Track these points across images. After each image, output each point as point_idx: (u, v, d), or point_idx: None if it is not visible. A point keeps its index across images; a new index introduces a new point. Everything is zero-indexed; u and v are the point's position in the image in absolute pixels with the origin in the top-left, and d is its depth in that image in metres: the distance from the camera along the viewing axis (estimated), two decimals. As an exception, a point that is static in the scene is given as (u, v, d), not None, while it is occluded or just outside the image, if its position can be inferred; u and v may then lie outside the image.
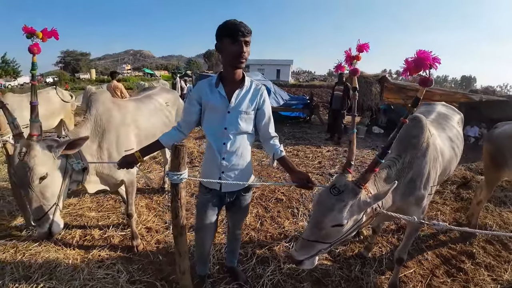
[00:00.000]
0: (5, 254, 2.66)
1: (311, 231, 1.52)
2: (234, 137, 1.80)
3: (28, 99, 4.30)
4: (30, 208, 1.76)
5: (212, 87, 1.79)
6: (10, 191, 4.04)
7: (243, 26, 1.58)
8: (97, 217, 3.45)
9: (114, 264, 2.60)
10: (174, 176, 1.59)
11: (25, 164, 1.67)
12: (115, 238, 3.02)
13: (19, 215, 3.40)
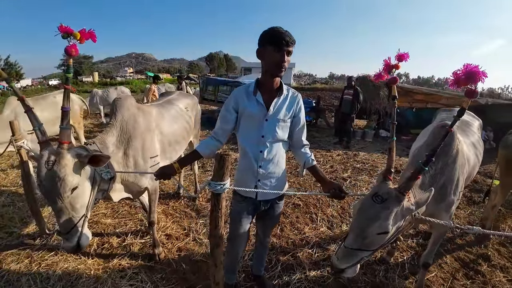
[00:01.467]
0: (19, 265, 2.60)
1: (354, 240, 1.52)
2: (271, 145, 1.79)
3: (33, 103, 4.28)
4: (58, 220, 1.64)
5: (249, 95, 1.77)
6: (19, 196, 4.05)
7: (288, 36, 1.55)
8: (113, 224, 3.40)
9: (136, 274, 2.55)
10: (217, 186, 1.54)
11: (55, 174, 1.56)
12: (134, 246, 2.97)
13: (31, 222, 3.35)
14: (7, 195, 4.10)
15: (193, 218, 3.62)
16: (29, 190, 2.93)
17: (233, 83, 10.27)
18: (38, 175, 1.57)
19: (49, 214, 3.36)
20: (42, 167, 1.57)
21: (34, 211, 2.99)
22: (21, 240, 3.00)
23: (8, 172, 5.09)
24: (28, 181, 2.90)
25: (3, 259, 2.67)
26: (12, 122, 2.73)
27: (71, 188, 1.62)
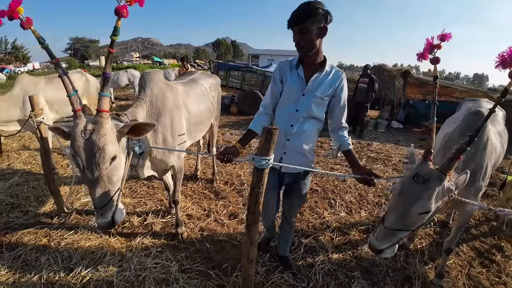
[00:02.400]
0: (37, 243, 2.56)
1: (395, 221, 1.52)
2: (304, 121, 1.82)
3: (46, 82, 4.26)
4: (93, 194, 1.56)
5: (292, 68, 1.80)
6: (33, 175, 4.04)
7: (292, 14, 1.58)
8: (133, 203, 3.38)
9: (160, 253, 2.53)
10: (262, 161, 1.48)
11: (94, 143, 1.48)
12: (156, 225, 2.95)
13: (48, 201, 3.32)
14: (21, 174, 4.07)
15: (212, 199, 3.60)
16: (48, 168, 2.89)
17: (244, 68, 10.11)
18: (73, 145, 1.49)
19: (68, 192, 3.34)
20: (78, 136, 1.49)
21: (53, 189, 2.95)
22: (38, 219, 2.98)
23: (20, 152, 5.06)
24: (48, 158, 2.86)
25: (20, 239, 2.63)
26: (32, 96, 2.65)
27: (110, 158, 1.55)
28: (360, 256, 2.64)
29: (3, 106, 3.48)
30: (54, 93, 4.05)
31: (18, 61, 40.89)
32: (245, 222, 1.75)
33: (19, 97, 3.61)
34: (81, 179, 1.61)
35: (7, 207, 3.13)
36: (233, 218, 3.19)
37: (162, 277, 2.24)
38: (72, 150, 1.51)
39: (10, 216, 2.98)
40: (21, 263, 2.32)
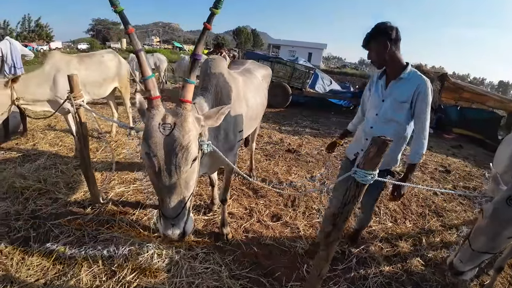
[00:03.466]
0: (70, 238, 2.31)
1: (485, 243, 1.48)
2: (382, 124, 1.98)
3: (78, 60, 3.89)
4: (168, 202, 1.26)
5: (377, 78, 2.06)
6: (61, 158, 3.84)
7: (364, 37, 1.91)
8: None
9: (207, 255, 2.32)
10: (367, 175, 1.26)
11: (176, 141, 1.21)
12: (198, 223, 2.72)
13: (78, 188, 3.10)
14: (47, 156, 3.87)
15: (252, 197, 3.35)
16: (85, 155, 2.64)
17: (274, 59, 9.73)
18: (149, 141, 1.20)
19: (103, 181, 3.11)
20: (156, 131, 1.21)
21: (89, 177, 2.71)
22: (69, 208, 2.75)
23: (46, 132, 4.88)
24: (85, 144, 2.60)
25: (49, 231, 2.40)
26: (72, 76, 2.37)
27: (192, 159, 1.27)
28: (410, 270, 2.50)
29: (32, 83, 3.22)
30: (87, 73, 3.78)
31: (41, 39, 41.33)
32: (326, 236, 1.57)
33: (50, 75, 3.35)
34: (154, 182, 1.29)
35: (34, 193, 2.91)
36: (276, 220, 2.97)
37: (215, 284, 2.02)
38: (147, 147, 1.21)
39: (37, 204, 2.76)
40: (53, 261, 2.08)
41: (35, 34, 41.07)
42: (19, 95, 3.02)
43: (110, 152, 4.18)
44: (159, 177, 1.23)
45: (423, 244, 2.83)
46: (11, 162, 3.68)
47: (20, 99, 3.03)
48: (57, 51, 3.85)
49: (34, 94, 3.21)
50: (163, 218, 1.29)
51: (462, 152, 6.47)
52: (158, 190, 1.29)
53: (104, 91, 4.14)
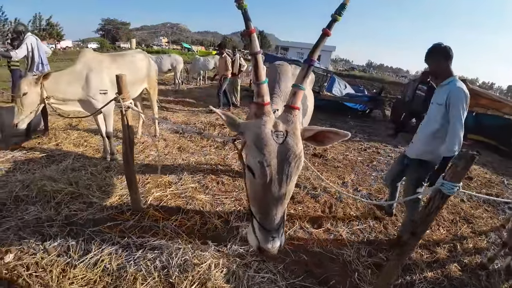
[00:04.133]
0: (115, 247, 2.14)
1: None
2: (427, 124, 2.46)
3: (110, 60, 3.68)
4: (273, 214, 1.16)
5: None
6: (89, 160, 3.71)
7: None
8: (209, 201, 3.01)
9: (259, 262, 2.21)
10: (454, 187, 1.34)
11: (291, 150, 1.14)
12: (242, 229, 2.59)
13: (113, 192, 2.96)
14: (74, 157, 3.74)
15: (289, 203, 3.16)
16: (130, 159, 2.48)
17: (292, 62, 9.58)
18: (263, 150, 1.12)
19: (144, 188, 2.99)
20: (270, 138, 1.14)
21: (132, 182, 2.55)
22: (107, 213, 2.59)
23: (68, 132, 4.76)
24: (131, 148, 2.44)
25: (90, 239, 2.23)
26: (120, 76, 2.20)
27: (300, 170, 1.20)
28: (449, 275, 2.49)
29: (63, 81, 3.07)
30: (118, 73, 3.62)
31: (52, 38, 41.64)
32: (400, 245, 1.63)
33: (82, 74, 3.21)
34: (258, 193, 1.17)
35: (66, 197, 2.76)
36: (318, 227, 2.85)
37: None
38: (260, 156, 1.12)
39: (71, 208, 2.61)
40: (101, 272, 1.92)
41: (46, 32, 41.41)
42: (49, 94, 2.88)
43: (138, 154, 4.05)
44: (268, 187, 1.14)
45: (458, 250, 2.82)
46: (36, 163, 3.55)
47: (51, 97, 2.89)
48: (89, 49, 3.65)
49: (64, 93, 3.07)
50: (263, 230, 1.17)
51: (481, 159, 6.35)
52: (262, 201, 1.17)
53: (135, 92, 3.99)
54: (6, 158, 3.62)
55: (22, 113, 2.76)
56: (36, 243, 2.15)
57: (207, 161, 4.14)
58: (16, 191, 2.79)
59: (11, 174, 3.23)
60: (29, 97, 2.74)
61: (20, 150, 3.90)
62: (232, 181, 3.58)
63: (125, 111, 2.21)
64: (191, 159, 4.10)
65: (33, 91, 2.74)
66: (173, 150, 4.37)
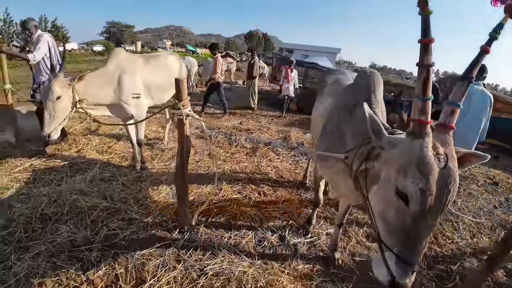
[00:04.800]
0: (173, 273, 1.85)
1: None
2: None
3: (143, 61, 3.31)
4: (418, 245, 1.06)
5: None
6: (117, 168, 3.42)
7: None
8: (257, 214, 2.74)
9: (325, 282, 2.03)
10: None
11: (453, 176, 1.01)
12: (301, 246, 2.36)
13: (150, 205, 2.66)
14: (101, 166, 3.44)
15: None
16: (184, 172, 2.17)
17: (309, 64, 9.28)
18: (426, 175, 0.99)
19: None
20: (434, 163, 1.01)
21: (183, 198, 2.26)
22: (152, 231, 2.29)
23: (89, 137, 4.45)
24: (185, 161, 2.15)
25: (142, 265, 1.92)
26: (180, 80, 1.88)
27: None
28: (498, 281, 2.38)
29: (94, 84, 2.73)
30: (153, 75, 3.33)
31: (58, 40, 41.52)
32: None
33: (114, 76, 2.89)
34: (406, 222, 1.03)
35: (102, 213, 2.45)
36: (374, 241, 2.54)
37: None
38: (423, 182, 0.99)
39: (110, 227, 2.29)
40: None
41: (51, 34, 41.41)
42: (81, 97, 2.56)
43: (169, 161, 3.75)
44: (422, 217, 1.02)
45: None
46: (58, 172, 3.24)
47: (83, 101, 2.56)
48: (121, 49, 3.32)
49: (96, 97, 2.73)
50: (402, 264, 1.06)
51: (500, 163, 6.06)
52: (410, 232, 1.05)
53: (167, 96, 3.68)
54: (24, 167, 3.32)
55: (54, 120, 2.41)
56: (77, 272, 1.84)
57: (241, 169, 3.83)
58: (42, 207, 2.47)
59: (32, 185, 2.93)
60: (63, 102, 2.40)
61: (38, 157, 3.59)
62: (273, 191, 3.29)
63: (185, 118, 1.89)
64: (225, 167, 3.79)
65: (66, 94, 2.42)
66: (204, 157, 4.07)
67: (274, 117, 7.70)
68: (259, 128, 5.83)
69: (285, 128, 6.30)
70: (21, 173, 3.19)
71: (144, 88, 3.11)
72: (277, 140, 5.26)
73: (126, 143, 4.32)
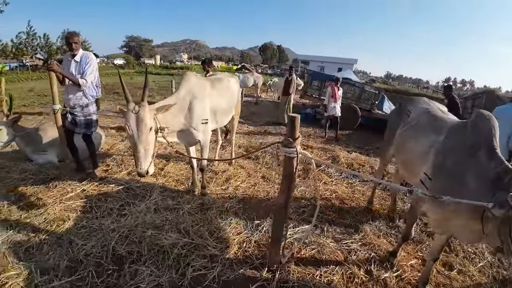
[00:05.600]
0: None
1: None
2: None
3: (210, 85, 3.12)
4: None
5: None
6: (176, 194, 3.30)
7: None
8: (338, 248, 2.56)
9: None
10: None
11: None
12: (390, 282, 2.20)
13: (225, 236, 2.50)
14: (159, 192, 3.28)
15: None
16: (285, 211, 1.99)
17: (344, 80, 9.13)
18: None
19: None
20: None
21: (278, 235, 2.07)
22: (240, 271, 2.11)
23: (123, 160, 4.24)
24: (289, 199, 1.97)
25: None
26: (296, 118, 1.69)
27: None
28: None
29: (169, 110, 2.50)
30: (218, 100, 3.22)
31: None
32: None
33: (185, 101, 2.77)
34: None
35: (182, 250, 2.28)
36: (449, 269, 2.46)
37: None
38: None
39: (194, 266, 2.12)
40: None
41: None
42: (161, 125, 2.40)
43: (225, 185, 3.60)
44: None
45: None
46: (115, 199, 3.09)
47: (165, 130, 2.42)
48: (192, 74, 3.12)
49: (170, 124, 2.59)
50: None
51: None
52: None
53: (227, 119, 3.56)
54: (76, 193, 3.17)
55: (149, 153, 2.21)
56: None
57: (300, 194, 3.63)
58: (112, 244, 2.29)
59: (90, 215, 2.77)
60: (153, 132, 2.25)
61: (89, 181, 3.45)
62: (341, 219, 3.09)
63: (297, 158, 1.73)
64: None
65: (153, 124, 2.26)
66: (258, 180, 3.90)
67: (309, 133, 7.54)
68: (303, 147, 5.64)
69: (328, 146, 6.07)
70: (74, 200, 3.03)
71: (211, 113, 3.00)
72: (332, 164, 5.04)
73: (176, 164, 4.21)
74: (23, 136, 3.89)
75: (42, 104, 9.52)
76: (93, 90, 3.40)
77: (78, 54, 3.19)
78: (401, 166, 2.66)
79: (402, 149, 2.54)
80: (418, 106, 2.62)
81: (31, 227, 2.54)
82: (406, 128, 2.55)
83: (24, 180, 3.41)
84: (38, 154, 4.00)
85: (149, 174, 2.22)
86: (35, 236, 2.40)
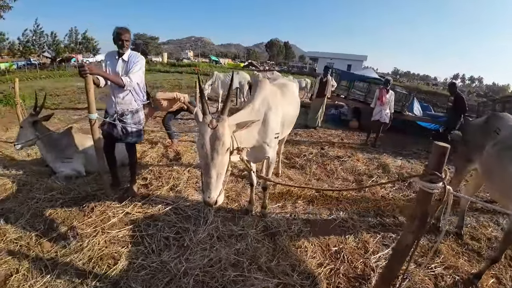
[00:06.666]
0: None
1: None
2: None
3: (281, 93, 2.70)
4: None
5: None
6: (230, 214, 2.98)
7: None
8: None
9: None
10: None
11: None
12: None
13: (306, 267, 2.18)
14: (214, 215, 2.89)
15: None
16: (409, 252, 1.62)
17: (372, 80, 8.73)
18: None
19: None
20: None
21: (389, 277, 1.72)
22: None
23: (177, 170, 3.88)
24: (419, 238, 1.65)
25: None
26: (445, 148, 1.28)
27: None
28: None
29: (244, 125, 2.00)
30: (287, 109, 2.79)
31: (88, 51, 42.43)
32: None
33: (260, 113, 2.31)
34: None
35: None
36: None
37: None
38: None
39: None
40: None
41: (82, 46, 42.26)
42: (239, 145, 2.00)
43: (280, 202, 3.27)
44: None
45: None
46: (166, 223, 2.68)
47: (244, 150, 2.01)
48: (266, 81, 2.61)
49: (245, 141, 2.15)
50: None
51: None
52: None
53: (289, 130, 3.19)
54: (119, 218, 2.72)
55: (221, 179, 1.73)
56: None
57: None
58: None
59: (144, 248, 2.34)
60: (228, 154, 1.78)
61: (130, 200, 3.03)
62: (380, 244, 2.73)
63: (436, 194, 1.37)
64: (351, 209, 3.27)
65: (230, 142, 1.81)
66: (313, 194, 3.55)
67: (340, 136, 7.23)
68: (348, 155, 5.25)
69: (371, 154, 5.62)
70: (118, 228, 2.57)
71: (280, 125, 2.61)
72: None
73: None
74: (46, 138, 3.50)
75: (55, 104, 9.23)
76: (141, 94, 3.04)
77: (126, 53, 2.82)
78: (497, 189, 2.37)
79: (500, 172, 2.25)
80: (508, 124, 2.49)
81: (74, 269, 2.09)
82: (500, 148, 2.29)
83: (51, 201, 2.95)
84: (61, 162, 3.56)
85: (218, 204, 1.74)
86: (81, 283, 1.96)
